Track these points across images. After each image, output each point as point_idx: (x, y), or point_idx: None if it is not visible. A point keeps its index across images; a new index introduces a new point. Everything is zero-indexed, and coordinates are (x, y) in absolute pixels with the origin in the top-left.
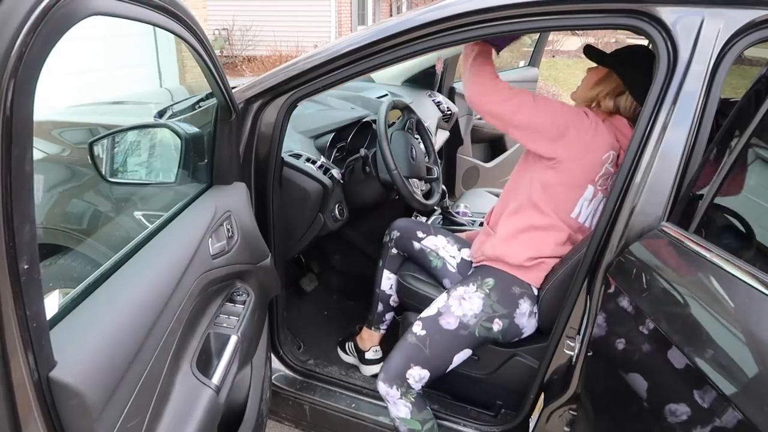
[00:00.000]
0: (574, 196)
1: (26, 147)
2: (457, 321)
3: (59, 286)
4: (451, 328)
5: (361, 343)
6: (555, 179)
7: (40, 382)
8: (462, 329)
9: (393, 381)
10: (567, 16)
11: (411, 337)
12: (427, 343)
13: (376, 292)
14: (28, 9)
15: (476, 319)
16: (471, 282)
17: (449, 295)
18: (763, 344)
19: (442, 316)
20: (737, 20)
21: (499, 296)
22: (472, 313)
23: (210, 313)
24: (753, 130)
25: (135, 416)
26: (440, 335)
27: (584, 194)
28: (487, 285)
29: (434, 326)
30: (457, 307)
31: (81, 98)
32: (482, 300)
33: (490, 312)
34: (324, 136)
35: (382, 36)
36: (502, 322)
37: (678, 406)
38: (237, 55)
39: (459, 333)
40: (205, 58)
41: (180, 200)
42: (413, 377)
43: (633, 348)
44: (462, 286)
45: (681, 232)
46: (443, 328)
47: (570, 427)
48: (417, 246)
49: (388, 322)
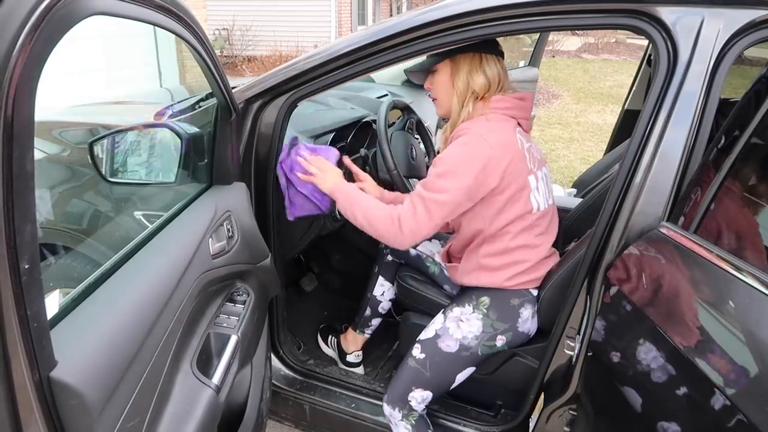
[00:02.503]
0: (525, 197)
1: (27, 147)
2: (457, 344)
3: (60, 286)
4: (452, 351)
5: (344, 343)
6: (501, 201)
7: (41, 382)
8: (463, 351)
9: (395, 403)
10: (567, 16)
11: (411, 361)
12: (427, 366)
13: (367, 296)
14: (29, 9)
15: (477, 340)
16: (466, 302)
17: (446, 317)
18: (763, 344)
19: (441, 339)
20: (737, 20)
21: (498, 313)
22: (472, 335)
23: (210, 312)
24: (753, 130)
25: (135, 416)
26: (440, 357)
27: (530, 187)
28: (483, 305)
29: (433, 349)
30: (456, 329)
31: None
32: (481, 321)
33: (491, 331)
34: (324, 136)
35: (382, 36)
36: (506, 336)
37: (678, 406)
38: (237, 55)
39: (461, 354)
40: (206, 58)
41: (180, 200)
42: (415, 399)
43: (633, 348)
44: (458, 307)
45: (681, 232)
46: (443, 351)
47: (570, 427)
48: (413, 252)
49: (373, 327)
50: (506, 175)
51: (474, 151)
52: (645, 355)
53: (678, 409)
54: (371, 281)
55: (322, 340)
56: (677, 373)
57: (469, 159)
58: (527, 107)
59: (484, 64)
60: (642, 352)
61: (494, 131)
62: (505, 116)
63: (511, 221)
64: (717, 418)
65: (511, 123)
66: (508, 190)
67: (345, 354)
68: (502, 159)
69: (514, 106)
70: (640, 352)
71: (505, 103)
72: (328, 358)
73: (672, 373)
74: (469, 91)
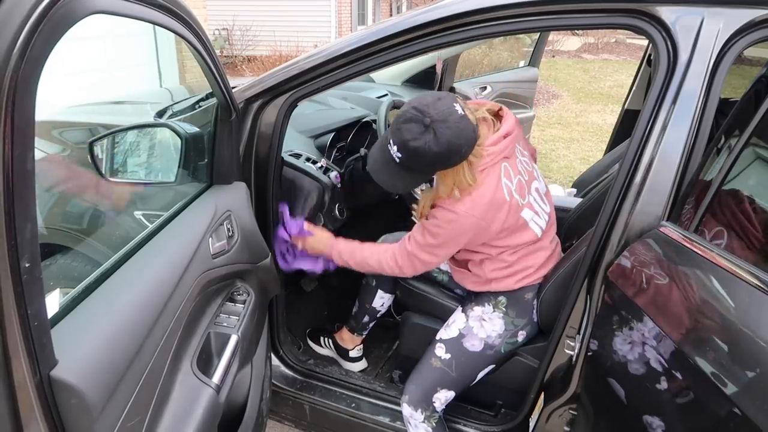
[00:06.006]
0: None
1: (28, 146)
2: (482, 343)
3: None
4: (477, 350)
5: (342, 343)
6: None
7: (41, 381)
8: (488, 349)
9: (419, 404)
10: (567, 16)
11: (436, 362)
12: (453, 366)
13: (366, 307)
14: (29, 8)
15: (501, 338)
16: (485, 302)
17: (467, 316)
18: (763, 344)
19: (466, 338)
20: (737, 20)
21: (517, 311)
22: (495, 333)
23: (210, 312)
24: (753, 130)
25: (135, 415)
26: (466, 357)
27: (526, 219)
28: (501, 304)
29: (459, 349)
30: (480, 328)
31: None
32: (502, 319)
33: (513, 328)
34: (324, 136)
35: (382, 36)
36: (526, 331)
37: (678, 405)
38: (237, 55)
39: (485, 353)
40: (206, 57)
41: (180, 200)
42: (439, 400)
43: (633, 348)
44: (478, 306)
45: (681, 232)
46: (469, 351)
47: (570, 426)
48: None
49: (370, 328)
50: (500, 228)
51: (462, 227)
52: (645, 355)
53: (678, 409)
54: (368, 294)
55: (314, 343)
56: (677, 372)
57: (457, 235)
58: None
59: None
60: (642, 351)
61: (478, 200)
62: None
63: (514, 248)
64: (717, 417)
65: (495, 168)
66: (505, 233)
67: (347, 351)
68: (492, 221)
69: (496, 141)
70: (639, 352)
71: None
72: (328, 358)
73: (672, 372)
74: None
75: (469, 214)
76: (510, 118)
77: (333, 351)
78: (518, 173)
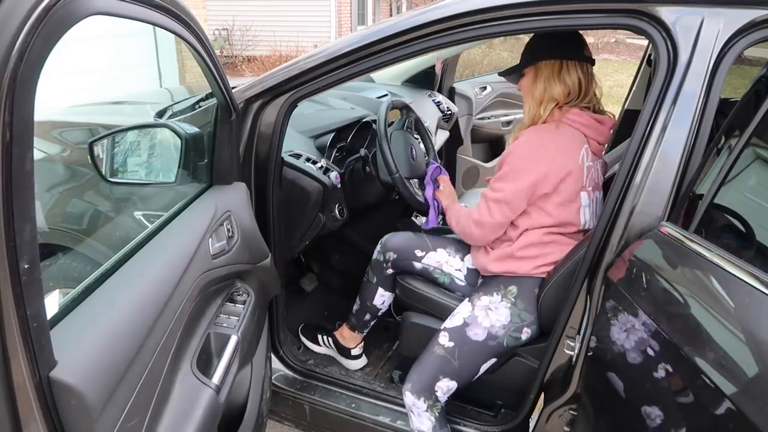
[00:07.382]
0: (575, 209)
1: (27, 146)
2: (485, 332)
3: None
4: (480, 339)
5: (343, 341)
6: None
7: (41, 382)
8: (491, 340)
9: (421, 393)
10: (567, 16)
11: (439, 349)
12: (456, 355)
13: (367, 305)
14: (29, 8)
15: (504, 330)
16: (494, 291)
17: (473, 305)
18: (763, 344)
19: (470, 327)
20: (737, 20)
21: (525, 303)
22: (500, 324)
23: (210, 312)
24: (753, 130)
25: (135, 416)
26: (468, 346)
27: (581, 203)
28: (511, 293)
29: (462, 338)
30: (484, 317)
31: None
32: (509, 310)
33: (519, 322)
34: (324, 136)
35: (382, 36)
36: (531, 330)
37: (678, 406)
38: (237, 55)
39: (488, 344)
40: (206, 58)
41: (180, 200)
42: (441, 389)
43: (633, 348)
44: (486, 296)
45: (681, 232)
46: (471, 340)
47: (570, 427)
48: (418, 266)
49: (371, 326)
50: (560, 184)
51: (533, 158)
52: (645, 355)
53: (678, 409)
54: (369, 291)
55: (310, 341)
56: (677, 373)
57: (527, 166)
58: (603, 131)
59: (563, 72)
60: (642, 352)
61: (557, 140)
62: (576, 130)
63: (555, 224)
64: (717, 417)
65: (579, 136)
66: (558, 197)
67: (348, 349)
68: (558, 170)
69: (589, 124)
70: (640, 352)
71: (579, 118)
72: (328, 357)
73: (672, 373)
74: (547, 97)
75: (543, 146)
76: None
77: (333, 349)
78: (593, 164)
